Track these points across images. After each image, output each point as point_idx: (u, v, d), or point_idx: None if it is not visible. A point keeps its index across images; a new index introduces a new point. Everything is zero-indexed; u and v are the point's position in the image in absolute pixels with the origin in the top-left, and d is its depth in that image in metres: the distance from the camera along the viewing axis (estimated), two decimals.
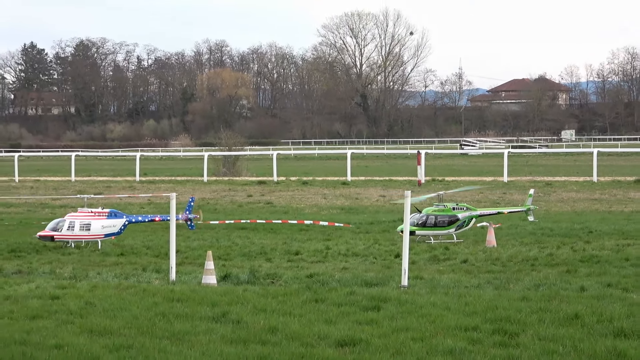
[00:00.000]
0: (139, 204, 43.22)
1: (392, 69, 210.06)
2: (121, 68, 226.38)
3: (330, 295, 15.72)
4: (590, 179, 56.21)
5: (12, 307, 14.91)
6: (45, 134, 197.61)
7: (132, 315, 14.07)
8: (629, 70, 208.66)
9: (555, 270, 20.96)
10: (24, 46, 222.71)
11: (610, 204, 41.34)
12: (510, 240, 27.50)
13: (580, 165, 73.66)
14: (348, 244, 27.20)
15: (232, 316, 13.94)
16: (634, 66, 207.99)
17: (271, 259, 24.26)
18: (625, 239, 27.47)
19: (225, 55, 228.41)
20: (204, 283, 18.02)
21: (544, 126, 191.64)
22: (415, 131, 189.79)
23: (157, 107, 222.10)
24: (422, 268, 21.79)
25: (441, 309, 14.52)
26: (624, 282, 18.40)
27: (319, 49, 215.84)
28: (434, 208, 28.51)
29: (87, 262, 24.02)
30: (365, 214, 37.99)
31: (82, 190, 48.39)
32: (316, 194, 49.19)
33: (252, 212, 38.73)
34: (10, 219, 36.88)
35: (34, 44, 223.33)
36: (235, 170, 70.57)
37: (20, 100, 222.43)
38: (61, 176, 69.76)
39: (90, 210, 28.08)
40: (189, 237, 28.70)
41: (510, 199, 42.39)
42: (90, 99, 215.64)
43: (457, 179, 58.67)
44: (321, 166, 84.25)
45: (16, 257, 25.23)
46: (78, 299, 15.67)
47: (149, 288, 16.99)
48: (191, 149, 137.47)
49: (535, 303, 14.92)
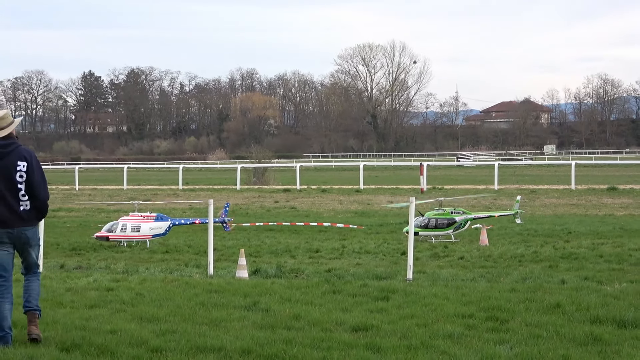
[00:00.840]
0: (182, 208, 43.22)
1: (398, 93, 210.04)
2: (166, 92, 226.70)
3: (346, 287, 15.67)
4: (569, 187, 56.01)
5: (73, 297, 14.91)
6: (101, 149, 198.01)
7: (176, 305, 14.04)
8: (602, 94, 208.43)
9: (539, 265, 20.87)
10: (84, 74, 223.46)
11: (587, 209, 41.18)
12: (500, 240, 27.40)
13: (560, 175, 73.39)
14: (361, 243, 27.14)
15: (262, 305, 13.90)
16: (605, 90, 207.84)
17: (295, 256, 24.21)
18: (599, 238, 27.33)
19: (255, 81, 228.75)
20: (238, 277, 17.99)
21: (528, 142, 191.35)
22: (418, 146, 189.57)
23: (197, 126, 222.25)
24: (424, 264, 21.73)
25: (441, 299, 14.46)
26: (599, 275, 18.30)
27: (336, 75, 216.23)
28: (435, 212, 28.46)
29: (137, 258, 24.02)
30: (376, 217, 37.91)
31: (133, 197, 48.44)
32: (333, 200, 49.11)
33: (278, 216, 38.69)
34: (71, 221, 36.93)
35: (92, 72, 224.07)
36: (264, 179, 70.55)
37: (80, 120, 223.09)
38: (115, 185, 69.88)
39: (140, 214, 28.12)
40: (225, 237, 28.68)
41: (500, 204, 42.26)
42: (139, 119, 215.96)
43: (454, 187, 58.52)
44: (337, 176, 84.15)
45: (77, 254, 25.26)
46: (129, 290, 15.66)
47: (190, 281, 16.97)
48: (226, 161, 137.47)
49: (522, 294, 14.85)
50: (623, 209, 40.70)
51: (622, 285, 16.30)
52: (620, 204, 43.25)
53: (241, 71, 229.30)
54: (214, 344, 11.17)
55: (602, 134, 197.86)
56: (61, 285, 16.33)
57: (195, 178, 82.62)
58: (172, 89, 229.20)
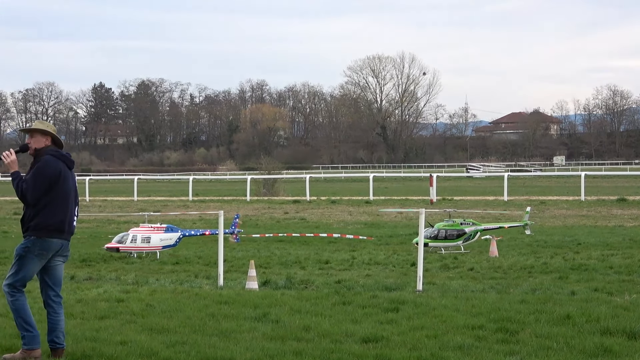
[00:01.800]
0: (192, 220, 43.25)
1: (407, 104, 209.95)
2: (176, 104, 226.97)
3: (356, 299, 15.66)
4: (579, 198, 55.94)
5: (83, 308, 14.91)
6: (112, 160, 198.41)
7: (186, 316, 14.04)
8: (611, 105, 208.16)
9: (549, 277, 20.82)
10: (94, 86, 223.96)
11: (596, 220, 41.11)
12: (510, 251, 27.36)
13: (570, 187, 73.31)
14: (371, 254, 27.12)
15: (272, 316, 13.89)
16: (615, 101, 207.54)
17: (305, 267, 24.20)
18: (609, 249, 27.28)
19: (265, 93, 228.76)
20: (248, 288, 17.98)
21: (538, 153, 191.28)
22: (428, 157, 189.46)
23: (207, 137, 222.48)
24: (434, 275, 21.69)
25: (451, 310, 14.44)
26: (609, 287, 18.26)
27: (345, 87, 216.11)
28: (445, 223, 28.44)
29: (147, 270, 24.03)
30: (385, 228, 37.88)
31: (143, 209, 48.48)
32: (343, 211, 49.10)
33: (288, 227, 38.68)
34: (82, 232, 36.96)
35: (102, 84, 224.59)
36: (274, 190, 70.59)
37: (91, 132, 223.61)
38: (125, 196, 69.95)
39: (150, 226, 28.13)
40: (235, 249, 28.68)
41: (510, 215, 42.21)
42: (150, 131, 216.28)
43: (464, 198, 58.48)
44: (347, 187, 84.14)
45: (87, 265, 25.28)
46: (140, 301, 15.66)
47: (200, 292, 16.97)
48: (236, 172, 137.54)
49: (532, 305, 14.82)
50: (633, 220, 40.63)
51: (632, 297, 16.26)
52: (630, 215, 43.17)
53: (251, 83, 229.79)
54: (224, 355, 11.17)
55: (611, 145, 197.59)
56: (71, 297, 16.34)
57: (205, 189, 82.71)
58: (182, 101, 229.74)
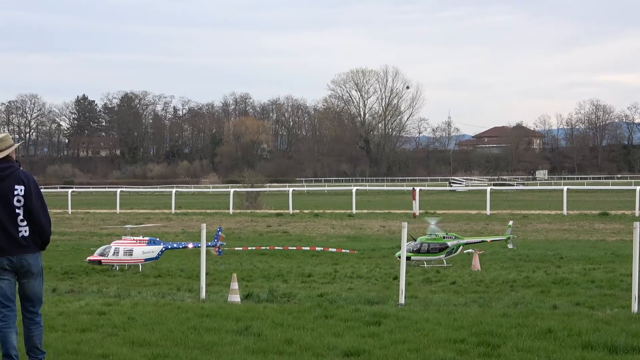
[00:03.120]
0: (174, 232, 43.16)
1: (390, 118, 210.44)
2: (160, 117, 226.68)
3: (338, 312, 15.65)
4: (561, 212, 56.07)
5: (65, 321, 14.87)
6: (95, 173, 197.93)
7: (168, 329, 14.01)
8: (594, 119, 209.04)
9: (531, 290, 20.86)
10: (77, 98, 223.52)
11: (578, 234, 41.22)
12: (492, 265, 27.40)
13: (552, 201, 73.50)
14: (353, 267, 27.12)
15: (254, 330, 13.88)
16: (597, 116, 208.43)
17: (287, 280, 24.18)
18: (591, 264, 27.35)
19: (248, 106, 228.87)
20: (230, 301, 17.96)
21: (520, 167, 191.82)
22: (411, 171, 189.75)
23: (190, 150, 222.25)
24: (416, 288, 21.71)
25: (433, 324, 14.44)
26: (591, 301, 18.31)
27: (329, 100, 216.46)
28: (427, 237, 28.47)
29: (129, 282, 23.97)
30: (368, 241, 37.89)
31: (126, 221, 48.38)
32: (326, 225, 49.09)
33: (271, 240, 38.65)
34: (64, 245, 36.86)
35: (85, 96, 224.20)
36: (257, 204, 70.52)
37: (74, 144, 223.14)
38: (108, 209, 69.78)
39: (133, 238, 28.08)
40: (217, 262, 28.63)
41: (493, 229, 42.29)
42: (133, 143, 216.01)
43: (446, 212, 58.55)
44: (330, 201, 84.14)
45: (69, 278, 25.21)
46: (121, 314, 15.62)
47: (182, 305, 16.94)
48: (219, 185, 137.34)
49: (514, 319, 14.84)
50: (615, 234, 40.74)
51: (614, 311, 16.30)
52: (612, 230, 43.29)
53: (234, 96, 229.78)
54: None
55: (594, 160, 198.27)
56: (53, 309, 16.29)
57: (188, 202, 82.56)
58: (165, 113, 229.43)
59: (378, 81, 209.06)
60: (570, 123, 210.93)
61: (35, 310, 11.16)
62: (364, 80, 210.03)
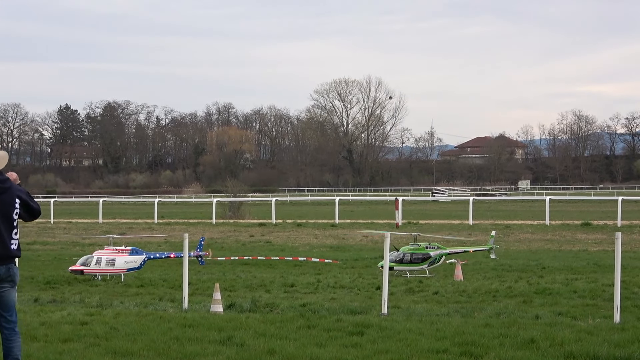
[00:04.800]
0: (157, 242, 43.08)
1: (374, 128, 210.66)
2: (142, 126, 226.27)
3: (321, 322, 15.64)
4: (543, 223, 56.19)
5: (47, 331, 14.81)
6: (77, 182, 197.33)
7: (150, 339, 13.97)
8: (576, 130, 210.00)
9: (514, 300, 20.90)
10: (60, 107, 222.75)
11: (561, 244, 41.32)
12: (475, 275, 27.43)
13: (535, 211, 73.66)
14: (336, 277, 27.11)
15: (237, 340, 13.86)
16: (579, 126, 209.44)
17: (270, 290, 24.16)
18: (573, 274, 27.42)
19: (231, 116, 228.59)
20: (212, 311, 17.92)
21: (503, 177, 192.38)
22: (394, 181, 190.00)
23: (173, 160, 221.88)
24: (399, 299, 21.72)
25: (416, 334, 14.45)
26: (573, 311, 18.35)
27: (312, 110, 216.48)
28: (410, 247, 28.48)
29: (112, 292, 23.91)
30: (351, 251, 37.89)
31: (108, 231, 48.25)
32: (309, 235, 49.08)
33: (253, 250, 38.62)
34: (46, 255, 36.74)
35: (68, 106, 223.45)
36: (240, 213, 70.43)
37: (56, 154, 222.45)
38: (90, 218, 69.57)
39: (115, 248, 28.01)
40: (200, 272, 28.59)
41: (475, 239, 42.35)
42: (115, 153, 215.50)
43: (429, 222, 58.61)
44: (313, 210, 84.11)
45: (51, 288, 25.13)
46: (104, 324, 15.57)
47: (165, 315, 16.90)
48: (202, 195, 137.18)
49: (496, 329, 14.85)
50: (597, 244, 40.86)
51: (596, 321, 16.34)
52: (594, 240, 43.42)
53: (217, 105, 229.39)
54: None
55: (576, 170, 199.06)
56: (35, 319, 16.23)
57: (171, 212, 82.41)
58: (148, 123, 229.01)
59: (361, 91, 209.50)
60: (553, 133, 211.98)
61: (15, 319, 11.34)
62: (347, 91, 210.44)
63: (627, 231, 46.49)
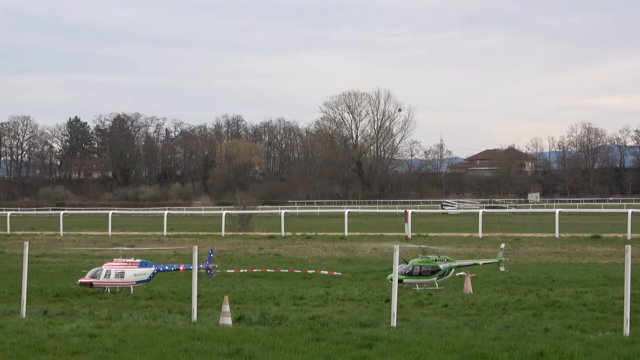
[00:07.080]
0: (166, 255, 43.10)
1: (383, 140, 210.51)
2: (152, 139, 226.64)
3: (330, 335, 15.63)
4: (553, 235, 56.08)
5: (56, 343, 14.82)
6: (87, 195, 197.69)
7: (159, 352, 13.97)
8: (585, 143, 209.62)
9: (523, 313, 20.86)
10: (69, 120, 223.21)
11: (570, 257, 41.24)
12: (484, 288, 27.39)
13: (544, 223, 73.53)
14: (345, 290, 27.09)
15: (245, 352, 13.85)
16: (589, 139, 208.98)
17: (279, 303, 24.15)
18: (583, 287, 27.36)
19: (241, 128, 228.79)
20: (221, 324, 17.92)
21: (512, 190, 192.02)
22: (403, 193, 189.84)
23: (182, 172, 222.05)
24: (408, 311, 21.69)
25: (425, 347, 14.43)
26: (582, 324, 18.31)
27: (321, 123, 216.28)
28: (419, 260, 28.45)
29: (121, 305, 23.92)
30: (360, 264, 37.86)
31: (117, 243, 48.27)
32: (318, 247, 49.04)
33: (262, 263, 38.60)
34: (55, 267, 36.77)
35: (78, 118, 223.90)
36: (249, 226, 70.40)
37: (66, 166, 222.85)
38: (100, 231, 69.62)
39: (124, 261, 28.02)
40: (209, 284, 28.60)
41: (485, 252, 42.28)
42: (125, 165, 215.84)
43: (438, 234, 58.54)
44: (322, 223, 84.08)
45: (60, 300, 25.16)
46: (113, 337, 15.58)
47: (173, 328, 16.90)
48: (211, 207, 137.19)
49: (506, 342, 14.83)
50: (607, 257, 40.78)
51: (606, 334, 16.30)
52: (604, 253, 43.33)
53: (227, 118, 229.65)
54: None
55: (585, 183, 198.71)
56: (44, 332, 16.24)
57: (180, 224, 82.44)
58: (157, 135, 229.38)
59: (370, 104, 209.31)
60: (562, 146, 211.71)
61: None
62: (356, 103, 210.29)
63: (637, 244, 46.32)
